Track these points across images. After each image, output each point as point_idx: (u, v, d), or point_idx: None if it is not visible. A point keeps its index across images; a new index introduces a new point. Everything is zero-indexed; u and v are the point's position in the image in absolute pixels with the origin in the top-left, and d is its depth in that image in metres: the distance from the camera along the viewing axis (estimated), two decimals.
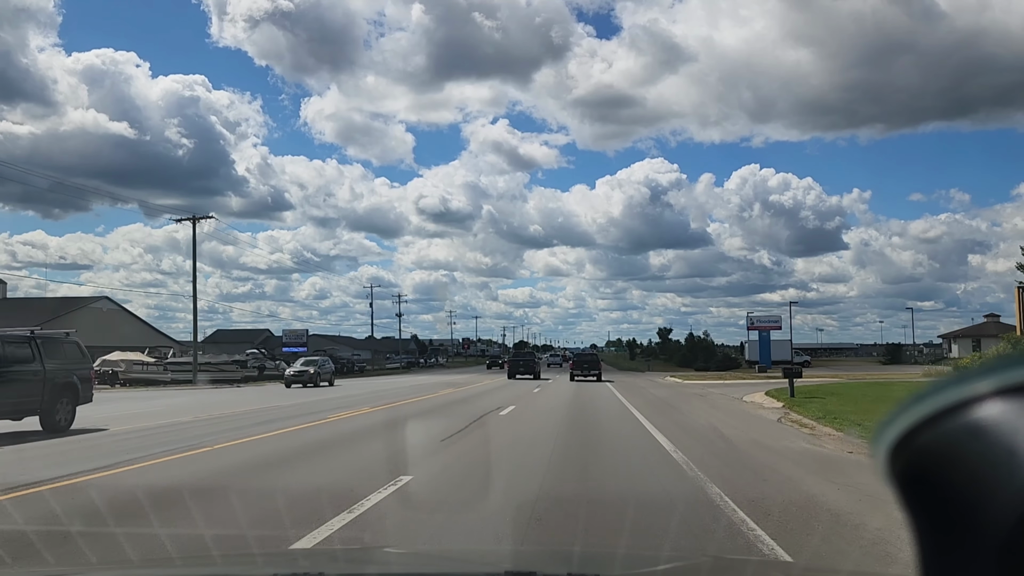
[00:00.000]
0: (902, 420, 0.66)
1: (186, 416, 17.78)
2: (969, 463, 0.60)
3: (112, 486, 8.15)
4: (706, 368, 65.91)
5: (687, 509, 6.81)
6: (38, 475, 8.65)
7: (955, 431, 0.62)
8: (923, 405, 0.65)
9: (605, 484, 8.59)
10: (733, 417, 17.86)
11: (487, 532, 5.91)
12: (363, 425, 15.71)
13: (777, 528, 6.02)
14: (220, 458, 10.52)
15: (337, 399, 25.49)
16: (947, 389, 0.64)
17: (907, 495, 0.67)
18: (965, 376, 0.63)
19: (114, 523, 6.09)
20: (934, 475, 0.64)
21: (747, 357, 76.33)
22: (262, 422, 16.04)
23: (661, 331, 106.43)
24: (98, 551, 5.01)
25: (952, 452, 0.62)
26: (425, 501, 7.24)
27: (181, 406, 21.67)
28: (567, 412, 19.09)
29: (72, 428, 14.66)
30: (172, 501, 7.09)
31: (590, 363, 41.90)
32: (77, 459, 10.28)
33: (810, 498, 7.44)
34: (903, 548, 4.98)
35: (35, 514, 6.60)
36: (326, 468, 9.78)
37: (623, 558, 3.02)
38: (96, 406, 16.92)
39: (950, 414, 0.63)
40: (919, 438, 0.65)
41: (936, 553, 0.64)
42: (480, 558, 3.16)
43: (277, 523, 6.10)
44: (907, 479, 0.67)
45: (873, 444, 0.70)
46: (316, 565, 2.61)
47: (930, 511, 0.64)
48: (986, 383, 0.61)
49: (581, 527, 6.04)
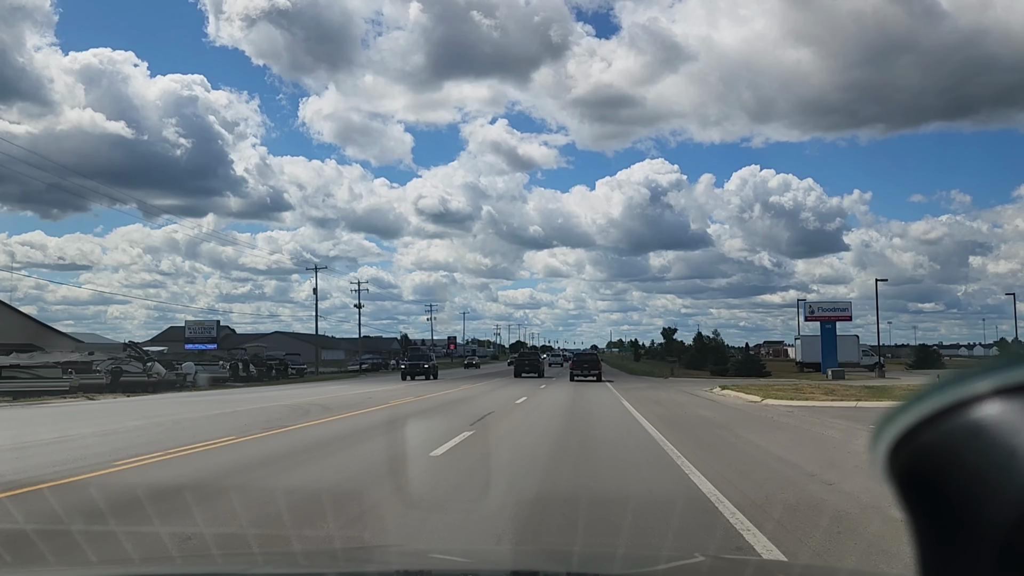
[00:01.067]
0: (902, 419, 0.66)
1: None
2: (969, 463, 0.60)
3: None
4: (723, 371, 52.50)
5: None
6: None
7: (955, 430, 0.62)
8: (923, 404, 0.64)
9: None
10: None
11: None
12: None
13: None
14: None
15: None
16: (947, 388, 0.63)
17: (906, 494, 0.66)
18: (965, 375, 0.62)
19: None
20: (934, 475, 0.63)
21: (799, 358, 59.63)
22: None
23: (665, 331, 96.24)
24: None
25: (952, 451, 0.62)
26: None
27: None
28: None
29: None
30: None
31: (590, 363, 41.67)
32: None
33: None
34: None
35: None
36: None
37: (622, 558, 3.07)
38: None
39: (950, 413, 0.62)
40: (919, 437, 0.64)
41: (935, 553, 0.64)
42: (481, 558, 3.16)
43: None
44: (907, 478, 0.66)
45: (872, 443, 0.69)
46: (316, 565, 2.62)
47: (929, 511, 0.64)
48: (986, 383, 0.61)
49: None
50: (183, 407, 21.92)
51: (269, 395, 28.41)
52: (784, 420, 16.50)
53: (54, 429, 15.03)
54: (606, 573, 2.44)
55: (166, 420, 16.83)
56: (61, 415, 20.07)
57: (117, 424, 16.17)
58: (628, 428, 14.47)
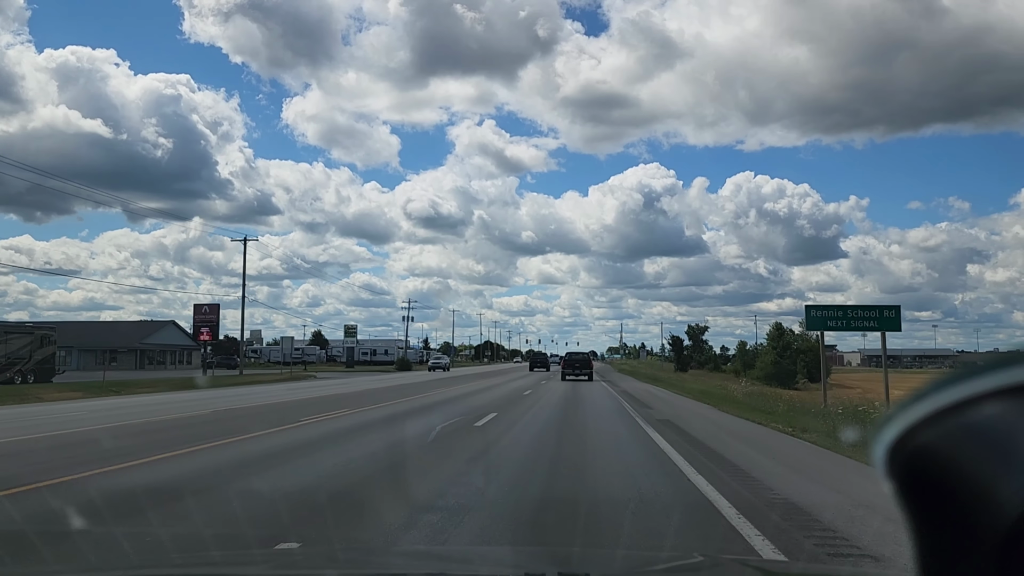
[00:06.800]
0: (902, 419, 0.65)
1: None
2: (968, 463, 0.60)
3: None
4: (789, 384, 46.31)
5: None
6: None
7: (955, 431, 0.61)
8: (923, 404, 0.64)
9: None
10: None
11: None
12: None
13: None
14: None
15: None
16: (947, 388, 0.63)
17: (906, 495, 0.66)
18: (965, 375, 0.62)
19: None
20: (933, 475, 0.63)
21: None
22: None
23: (673, 337, 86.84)
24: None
25: (951, 452, 0.61)
26: None
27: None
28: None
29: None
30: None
31: (581, 363, 42.73)
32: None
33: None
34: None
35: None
36: None
37: (622, 558, 3.11)
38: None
39: (950, 413, 0.62)
40: (918, 437, 0.64)
41: (935, 553, 0.63)
42: (481, 557, 3.13)
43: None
44: (906, 478, 0.66)
45: (872, 443, 0.69)
46: (316, 565, 2.57)
47: (929, 511, 0.63)
48: (986, 383, 0.60)
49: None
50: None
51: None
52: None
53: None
54: (606, 573, 2.42)
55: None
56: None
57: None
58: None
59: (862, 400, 21.84)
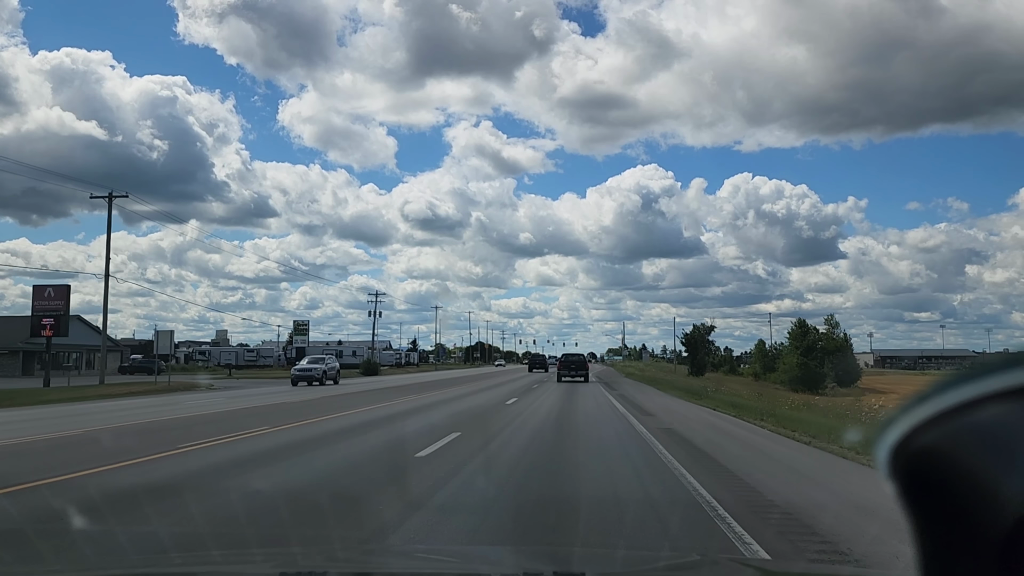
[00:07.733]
0: (904, 421, 0.66)
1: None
2: (971, 464, 0.60)
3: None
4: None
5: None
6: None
7: (957, 432, 0.61)
8: (925, 406, 0.64)
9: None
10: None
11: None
12: None
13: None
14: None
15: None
16: (949, 390, 0.63)
17: (908, 495, 0.66)
18: (967, 377, 0.62)
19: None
20: (935, 476, 0.63)
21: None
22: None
23: (687, 336, 75.38)
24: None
25: (954, 453, 0.61)
26: None
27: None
28: None
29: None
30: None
31: (577, 364, 42.66)
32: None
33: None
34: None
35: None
36: None
37: (621, 558, 3.06)
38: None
39: (952, 415, 0.62)
40: (921, 439, 0.64)
41: (936, 553, 0.63)
42: (480, 557, 3.12)
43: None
44: (908, 479, 0.66)
45: (875, 444, 0.69)
46: (316, 565, 2.55)
47: (931, 511, 0.64)
48: (988, 384, 0.61)
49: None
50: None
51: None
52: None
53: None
54: (606, 573, 2.40)
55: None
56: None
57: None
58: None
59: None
